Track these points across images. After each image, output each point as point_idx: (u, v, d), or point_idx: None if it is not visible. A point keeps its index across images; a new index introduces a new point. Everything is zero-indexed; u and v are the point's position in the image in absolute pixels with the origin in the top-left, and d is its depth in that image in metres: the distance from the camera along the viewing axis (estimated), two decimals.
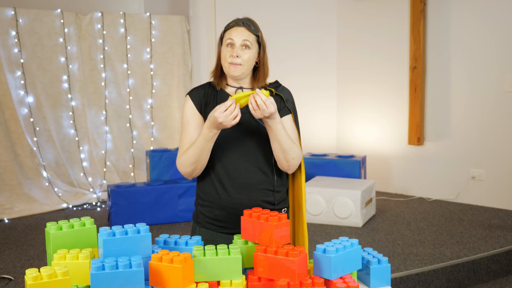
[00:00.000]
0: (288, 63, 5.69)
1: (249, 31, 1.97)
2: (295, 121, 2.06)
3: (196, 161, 1.93)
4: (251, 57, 1.97)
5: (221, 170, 1.99)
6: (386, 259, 1.66)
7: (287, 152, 1.92)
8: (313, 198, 4.40)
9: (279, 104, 2.04)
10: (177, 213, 4.50)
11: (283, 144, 1.91)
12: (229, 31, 1.98)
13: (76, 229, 1.59)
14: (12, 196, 4.97)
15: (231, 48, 1.96)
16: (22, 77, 5.09)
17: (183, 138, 2.01)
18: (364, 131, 5.72)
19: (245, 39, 1.95)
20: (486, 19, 4.77)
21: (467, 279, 3.44)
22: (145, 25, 5.69)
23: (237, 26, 1.97)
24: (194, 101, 2.03)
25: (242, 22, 1.98)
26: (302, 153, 2.02)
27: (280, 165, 1.97)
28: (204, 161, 1.94)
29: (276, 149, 1.93)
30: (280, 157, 1.94)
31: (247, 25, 1.97)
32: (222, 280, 1.53)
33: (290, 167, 1.96)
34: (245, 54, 1.95)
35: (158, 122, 5.82)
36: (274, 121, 1.87)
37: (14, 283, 3.21)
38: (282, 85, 2.13)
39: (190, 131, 2.00)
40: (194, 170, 1.95)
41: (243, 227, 1.66)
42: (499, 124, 4.77)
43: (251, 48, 1.97)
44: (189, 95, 2.06)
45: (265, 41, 2.04)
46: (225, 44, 1.97)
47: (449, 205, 4.93)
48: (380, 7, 5.48)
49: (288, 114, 2.03)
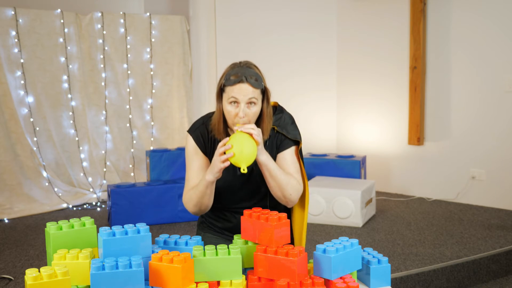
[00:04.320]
0: (288, 63, 5.70)
1: (254, 87, 1.85)
2: (300, 151, 2.01)
3: (199, 203, 1.92)
4: (257, 111, 1.90)
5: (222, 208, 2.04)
6: (386, 259, 1.66)
7: (284, 188, 1.88)
8: (313, 198, 4.40)
9: (281, 140, 1.99)
10: (177, 213, 4.50)
11: (277, 179, 1.87)
12: (231, 88, 1.85)
13: (76, 229, 1.59)
14: (12, 196, 4.97)
15: (235, 107, 1.86)
16: (22, 77, 5.09)
17: (187, 178, 2.00)
18: (364, 131, 5.72)
19: (251, 97, 1.85)
20: (486, 19, 4.77)
21: (467, 279, 3.44)
22: (145, 25, 5.69)
23: (240, 83, 1.84)
24: (197, 141, 2.00)
25: (245, 77, 1.84)
26: (302, 187, 1.96)
27: (279, 200, 1.95)
28: (206, 203, 1.93)
29: (271, 186, 1.90)
30: (277, 194, 1.91)
31: (250, 80, 1.84)
32: (222, 280, 1.53)
33: (289, 203, 1.93)
34: (251, 110, 1.87)
35: (158, 122, 5.82)
36: (260, 152, 1.84)
37: (14, 283, 3.21)
38: (284, 113, 2.05)
39: (193, 172, 1.98)
40: (199, 210, 1.96)
41: (243, 227, 1.66)
42: (499, 124, 4.77)
43: (257, 104, 1.88)
44: (191, 134, 2.01)
45: (269, 90, 1.94)
46: (228, 101, 1.87)
47: (449, 205, 4.93)
48: (380, 7, 5.48)
49: (289, 147, 1.98)
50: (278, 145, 1.99)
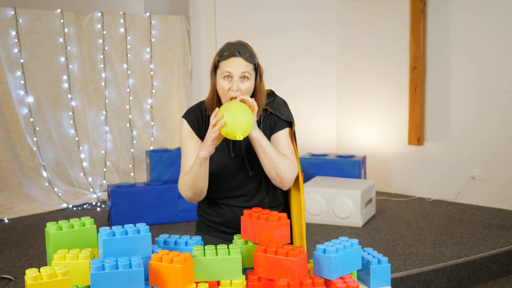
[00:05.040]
0: (288, 63, 5.70)
1: (247, 61, 1.89)
2: (293, 134, 2.01)
3: (193, 186, 1.90)
4: (251, 86, 1.92)
5: (217, 197, 2.02)
6: (386, 259, 1.66)
7: (278, 167, 1.87)
8: (313, 198, 4.40)
9: (274, 121, 2.00)
10: (177, 213, 4.50)
11: (270, 156, 1.86)
12: (224, 62, 1.89)
13: (76, 229, 1.59)
14: (12, 196, 4.97)
15: (229, 81, 1.89)
16: (22, 77, 5.09)
17: (182, 163, 1.99)
18: (364, 131, 5.72)
19: (244, 71, 1.88)
20: (486, 19, 4.77)
21: (467, 279, 3.44)
22: (145, 25, 5.69)
23: (233, 57, 1.88)
24: (192, 125, 2.00)
25: (238, 51, 1.88)
26: (297, 168, 1.95)
27: (274, 181, 1.93)
28: (201, 186, 1.91)
29: (265, 165, 1.89)
30: (271, 174, 1.89)
31: (243, 55, 1.89)
32: (222, 280, 1.53)
33: (284, 184, 1.91)
34: (244, 85, 1.89)
35: (158, 122, 5.82)
36: (254, 128, 1.84)
37: (14, 283, 3.21)
38: (276, 97, 2.07)
39: (188, 156, 1.97)
40: (194, 195, 1.94)
41: (243, 227, 1.66)
42: (499, 124, 4.77)
43: (250, 79, 1.90)
44: (186, 119, 2.02)
45: (262, 68, 1.97)
46: (222, 76, 1.90)
47: (449, 205, 4.93)
48: (380, 7, 5.48)
49: (283, 129, 1.98)
50: (272, 126, 1.99)
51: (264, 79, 1.98)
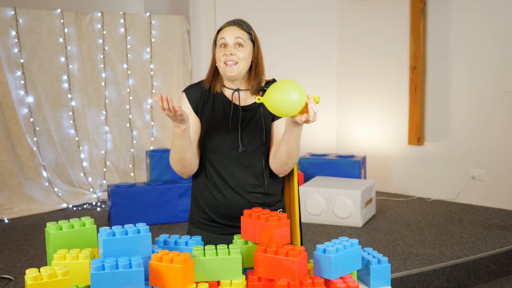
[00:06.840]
0: (288, 63, 5.69)
1: (241, 29, 1.96)
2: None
3: (180, 160, 1.89)
4: (246, 55, 1.95)
5: (214, 174, 1.97)
6: (386, 259, 1.66)
7: (292, 158, 1.89)
8: (313, 198, 4.40)
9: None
10: (177, 213, 4.50)
11: (294, 150, 1.88)
12: (221, 32, 1.96)
13: (76, 229, 1.59)
14: (12, 196, 4.96)
15: (224, 48, 1.93)
16: (22, 77, 5.09)
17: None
18: (364, 131, 5.72)
19: (238, 36, 1.93)
20: (486, 19, 4.77)
21: (467, 279, 3.44)
22: (145, 25, 5.69)
23: (229, 26, 1.96)
24: (190, 100, 2.00)
25: (234, 21, 1.97)
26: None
27: (277, 168, 1.93)
28: (187, 159, 1.89)
29: (283, 153, 1.89)
30: (282, 161, 1.90)
31: (238, 24, 1.96)
32: (222, 280, 1.53)
33: (287, 169, 1.94)
34: (239, 52, 1.92)
35: (158, 122, 5.82)
36: (300, 128, 1.83)
37: (14, 283, 3.21)
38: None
39: None
40: (183, 168, 1.92)
41: (243, 227, 1.66)
42: (499, 124, 4.77)
43: (245, 46, 1.95)
44: (186, 93, 2.02)
45: (259, 40, 2.02)
46: (219, 45, 1.95)
47: (449, 205, 4.93)
48: (380, 7, 5.48)
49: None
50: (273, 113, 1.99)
51: (261, 50, 2.03)
